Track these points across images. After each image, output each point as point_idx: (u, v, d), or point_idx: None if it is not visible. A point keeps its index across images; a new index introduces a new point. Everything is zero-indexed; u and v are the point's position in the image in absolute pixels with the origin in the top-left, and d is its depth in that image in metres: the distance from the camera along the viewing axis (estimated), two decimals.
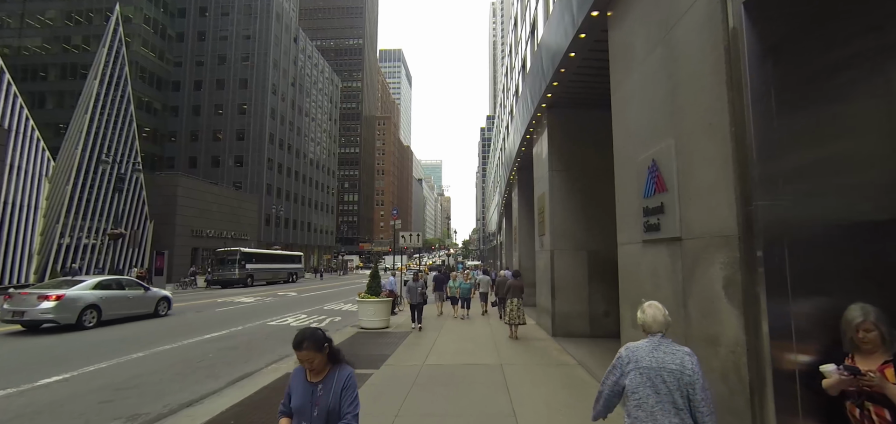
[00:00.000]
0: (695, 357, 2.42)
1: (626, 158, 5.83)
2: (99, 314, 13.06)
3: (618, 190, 6.20)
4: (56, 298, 12.03)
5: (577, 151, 12.03)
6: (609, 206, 12.28)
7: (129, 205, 37.01)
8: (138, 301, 14.71)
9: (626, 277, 5.80)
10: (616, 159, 6.28)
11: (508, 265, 35.61)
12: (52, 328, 12.25)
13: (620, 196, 6.09)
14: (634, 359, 2.44)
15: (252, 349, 10.14)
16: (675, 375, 2.33)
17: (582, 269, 11.65)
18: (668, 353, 2.40)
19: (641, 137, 5.35)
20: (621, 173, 6.06)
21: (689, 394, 2.30)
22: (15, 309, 11.81)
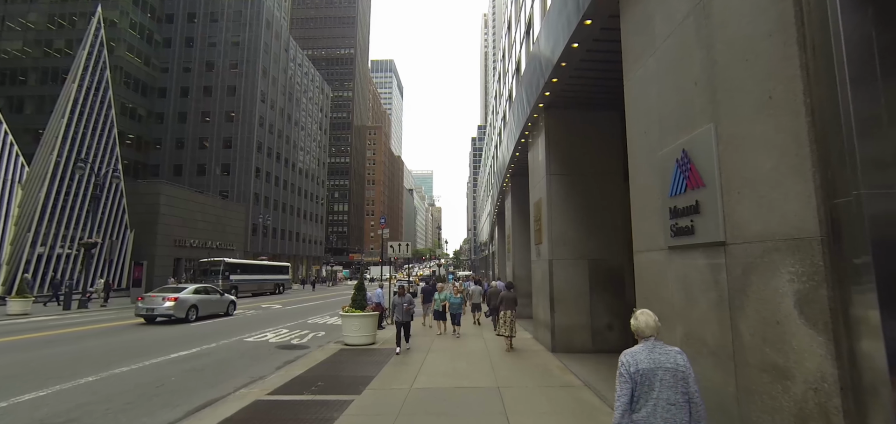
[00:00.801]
0: (684, 355, 2.73)
1: (645, 152, 5.04)
2: (197, 312, 17.36)
3: (634, 190, 5.40)
4: (174, 299, 16.50)
5: (576, 153, 11.29)
6: (612, 211, 11.54)
7: (108, 213, 35.57)
8: (218, 303, 19.24)
9: (647, 290, 4.98)
10: (631, 155, 5.49)
11: (500, 276, 34.77)
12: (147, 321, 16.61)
13: (637, 197, 5.29)
14: (635, 363, 2.71)
15: (221, 371, 9.13)
16: (670, 372, 2.64)
17: (583, 279, 10.86)
18: (662, 353, 2.71)
19: (666, 127, 4.57)
20: (638, 169, 5.27)
21: (683, 387, 2.62)
22: (147, 306, 16.50)
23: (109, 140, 35.24)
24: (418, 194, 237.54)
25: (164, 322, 16.46)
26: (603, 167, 11.22)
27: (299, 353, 11.38)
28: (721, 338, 3.61)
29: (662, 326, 3.81)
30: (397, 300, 11.01)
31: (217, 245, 46.95)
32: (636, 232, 5.32)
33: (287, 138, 66.73)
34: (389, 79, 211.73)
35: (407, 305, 10.95)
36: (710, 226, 3.73)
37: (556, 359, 9.92)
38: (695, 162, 3.96)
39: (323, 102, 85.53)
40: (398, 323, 10.88)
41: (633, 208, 5.41)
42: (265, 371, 9.14)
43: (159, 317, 16.40)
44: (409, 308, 10.97)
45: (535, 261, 13.05)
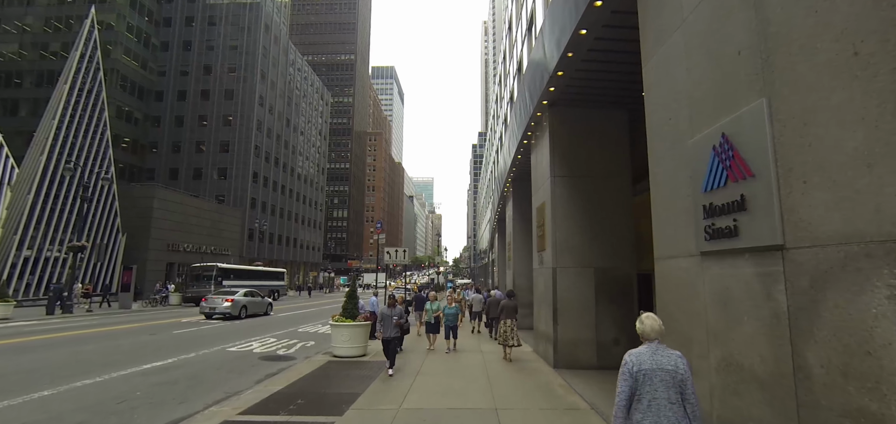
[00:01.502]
0: (685, 359, 2.90)
1: (670, 142, 4.32)
2: (246, 311, 21.34)
3: (655, 188, 4.67)
4: (231, 301, 20.45)
5: (582, 153, 10.57)
6: (620, 216, 10.75)
7: (100, 217, 34.87)
8: (260, 304, 23.31)
9: (671, 303, 4.23)
10: (651, 149, 4.77)
11: (497, 285, 33.92)
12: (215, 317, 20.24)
13: (659, 195, 4.56)
14: (638, 363, 2.91)
15: (195, 385, 8.35)
16: (670, 374, 2.82)
17: (588, 289, 10.09)
18: (664, 356, 2.90)
19: (698, 110, 3.85)
20: (661, 163, 4.54)
21: (682, 389, 2.80)
22: (210, 306, 20.43)
23: (102, 143, 34.60)
24: (418, 201, 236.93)
25: (143, 333, 15.70)
26: (610, 169, 10.51)
27: (283, 365, 10.60)
28: (776, 368, 2.87)
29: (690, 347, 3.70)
30: (385, 312, 9.24)
31: (212, 250, 46.18)
32: (658, 236, 4.58)
33: (285, 143, 66.12)
34: (390, 85, 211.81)
35: (397, 318, 9.25)
36: (762, 226, 3.00)
37: (559, 376, 9.14)
38: (739, 148, 3.24)
39: (322, 107, 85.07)
40: (385, 341, 9.02)
41: (655, 208, 4.67)
42: (243, 386, 8.37)
43: (217, 314, 20.31)
44: (400, 322, 9.36)
45: (537, 269, 12.29)
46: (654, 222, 4.69)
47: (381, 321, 9.22)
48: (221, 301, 20.37)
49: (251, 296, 22.52)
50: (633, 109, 10.70)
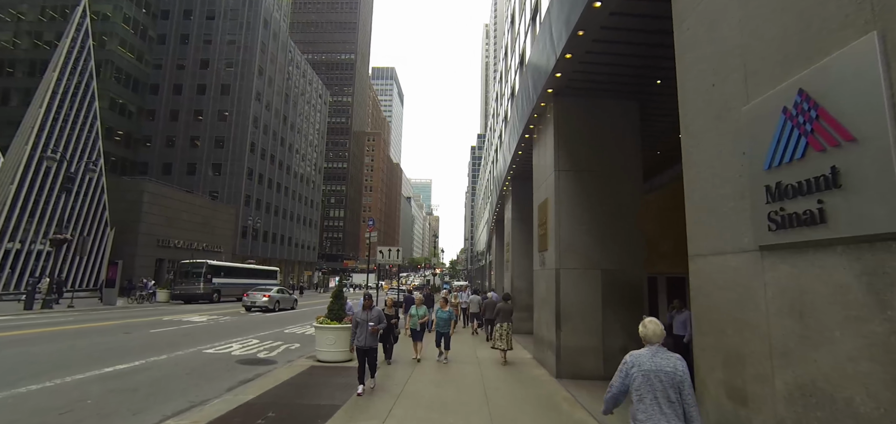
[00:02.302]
0: (684, 362, 3.03)
1: (714, 111, 3.49)
2: (279, 305, 25.41)
3: (691, 170, 3.85)
4: (267, 296, 24.77)
5: (589, 147, 9.77)
6: (630, 215, 9.82)
7: (88, 210, 33.88)
8: (288, 300, 27.13)
9: (714, 311, 3.40)
10: (687, 123, 3.95)
11: (493, 287, 33.03)
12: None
13: (697, 178, 3.74)
14: (638, 363, 3.07)
15: (157, 391, 7.48)
16: (669, 375, 2.96)
17: (595, 293, 9.27)
18: (663, 358, 3.03)
19: (759, 66, 3.03)
20: (699, 140, 3.72)
21: (680, 390, 2.95)
22: (251, 300, 24.57)
23: (92, 134, 33.64)
24: (416, 202, 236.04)
25: (117, 331, 14.80)
26: (619, 164, 9.71)
27: (262, 370, 9.74)
28: (894, 400, 2.03)
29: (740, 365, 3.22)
30: (360, 315, 7.65)
31: (204, 247, 45.20)
32: (694, 230, 3.75)
33: (282, 141, 65.18)
34: (390, 86, 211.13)
35: (374, 324, 7.55)
36: (871, 208, 2.18)
37: (562, 388, 8.31)
38: (827, 105, 2.42)
39: (321, 105, 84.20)
40: (360, 350, 7.52)
41: (690, 196, 3.84)
42: (211, 394, 7.51)
43: (256, 308, 24.32)
44: (377, 329, 7.60)
45: (538, 271, 11.46)
46: (688, 214, 3.86)
47: (355, 326, 7.67)
48: (260, 296, 25.00)
49: (281, 293, 27.02)
50: (644, 101, 9.92)
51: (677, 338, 8.28)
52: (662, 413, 2.89)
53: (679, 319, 8.29)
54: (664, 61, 8.37)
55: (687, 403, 2.91)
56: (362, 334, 7.57)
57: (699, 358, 3.57)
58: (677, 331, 8.30)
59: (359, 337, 7.59)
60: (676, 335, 8.30)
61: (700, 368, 3.54)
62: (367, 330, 7.54)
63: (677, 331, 8.30)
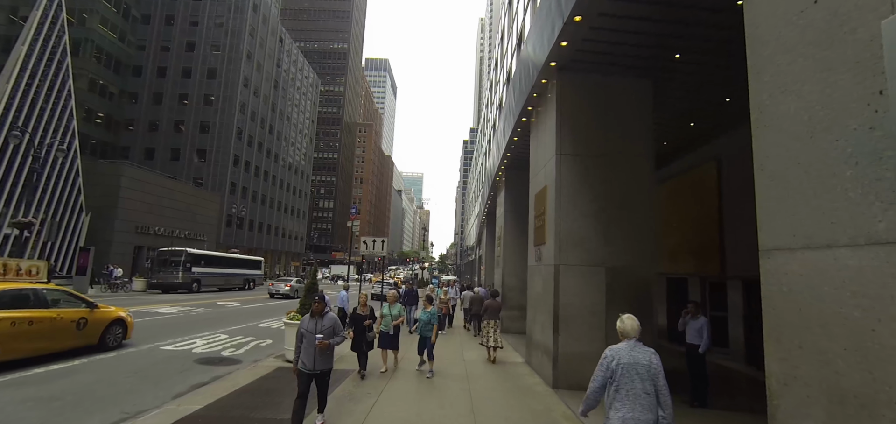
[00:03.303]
0: (657, 355, 3.34)
1: (822, 27, 2.42)
2: (297, 293, 27.36)
3: (768, 131, 2.80)
4: (289, 285, 29.69)
5: (595, 129, 8.72)
6: (639, 206, 8.51)
7: (61, 193, 32.25)
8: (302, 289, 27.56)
9: (817, 324, 2.35)
10: (760, 46, 2.89)
11: (481, 282, 32.00)
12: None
13: (779, 141, 2.68)
14: (617, 357, 3.31)
15: (82, 400, 6.33)
16: (645, 368, 3.24)
17: (598, 292, 8.25)
18: (640, 353, 3.31)
19: None
20: (787, 84, 2.65)
21: (655, 382, 3.22)
22: (274, 289, 29.88)
23: (65, 113, 31.94)
24: (407, 195, 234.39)
25: None
26: (629, 149, 8.68)
27: (221, 371, 8.62)
28: None
29: (869, 405, 2.87)
30: (306, 325, 5.26)
31: (186, 235, 43.64)
32: (769, 216, 2.71)
33: (270, 128, 63.47)
34: (383, 78, 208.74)
35: (324, 337, 5.12)
36: None
37: (561, 402, 7.29)
38: None
39: (312, 92, 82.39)
40: (303, 376, 5.15)
41: (764, 167, 2.79)
42: (151, 402, 6.38)
43: (279, 295, 28.89)
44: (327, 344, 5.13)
45: (533, 266, 10.43)
46: (761, 191, 2.81)
47: (300, 340, 5.24)
48: (283, 285, 29.68)
49: (300, 283, 30.50)
50: (659, 79, 8.89)
51: (691, 347, 7.28)
52: (639, 402, 3.16)
53: (694, 326, 7.29)
54: (686, 30, 7.33)
55: (661, 392, 3.19)
56: (308, 352, 5.12)
57: (780, 394, 2.53)
58: (691, 339, 7.30)
59: (304, 358, 5.13)
60: (690, 345, 7.30)
61: (779, 409, 2.49)
62: (314, 347, 5.10)
63: (691, 339, 7.30)
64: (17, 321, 7.67)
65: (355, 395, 7.13)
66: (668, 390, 3.25)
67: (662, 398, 3.20)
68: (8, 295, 7.74)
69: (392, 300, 8.97)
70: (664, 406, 3.20)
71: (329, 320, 5.35)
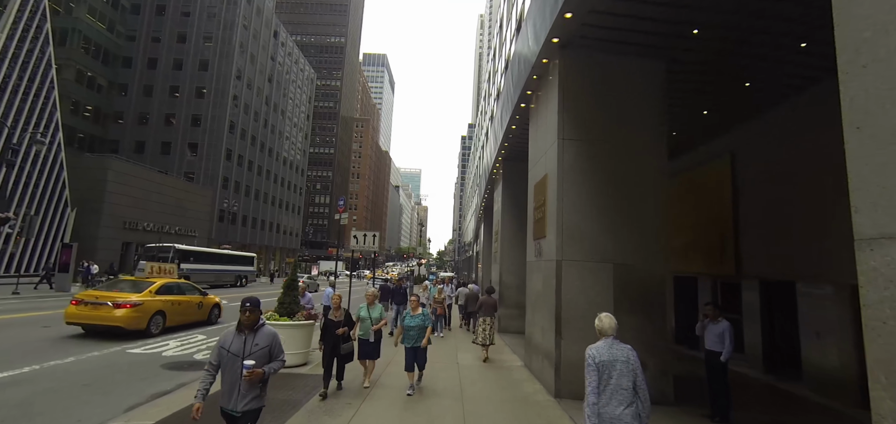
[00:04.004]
0: (635, 351, 3.54)
1: None
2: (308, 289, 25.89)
3: (862, 77, 1.97)
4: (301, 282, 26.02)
5: (601, 113, 7.91)
6: (649, 198, 7.19)
7: (44, 187, 31.29)
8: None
9: None
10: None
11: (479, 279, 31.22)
12: None
13: (885, 93, 1.85)
14: (598, 355, 3.48)
15: (19, 417, 5.49)
16: (624, 363, 3.43)
17: (605, 292, 7.46)
18: (618, 349, 3.49)
19: None
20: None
21: (633, 376, 3.41)
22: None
23: (48, 103, 30.92)
24: (405, 191, 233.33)
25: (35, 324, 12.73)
26: (639, 137, 7.88)
27: (189, 377, 7.80)
28: None
29: None
30: (230, 346, 3.50)
31: (177, 231, 42.72)
32: (872, 192, 1.90)
33: (265, 122, 62.39)
34: (381, 73, 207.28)
35: (251, 368, 3.35)
36: None
37: (566, 415, 6.50)
38: None
39: (307, 86, 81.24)
40: (227, 418, 3.51)
41: (856, 129, 1.98)
42: (96, 417, 5.56)
43: None
44: (256, 375, 3.38)
45: (532, 262, 9.63)
46: (856, 162, 2.01)
47: (215, 368, 3.54)
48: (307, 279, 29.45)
49: (311, 279, 30.51)
50: (673, 60, 8.07)
51: (711, 355, 6.48)
52: (617, 396, 3.37)
53: (714, 330, 6.49)
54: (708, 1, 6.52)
55: (639, 386, 3.40)
56: (229, 383, 3.45)
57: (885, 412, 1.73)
58: (711, 346, 6.50)
59: (223, 392, 3.47)
60: (711, 351, 6.50)
61: None
62: (238, 378, 3.41)
63: (711, 346, 6.50)
64: (173, 302, 12.03)
65: (320, 419, 5.85)
66: (646, 383, 3.45)
67: (641, 391, 3.39)
68: (167, 286, 11.83)
69: (371, 300, 7.45)
70: (642, 399, 3.39)
71: (265, 336, 3.59)
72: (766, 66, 8.32)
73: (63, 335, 10.80)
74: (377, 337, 7.34)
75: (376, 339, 7.33)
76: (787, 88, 9.08)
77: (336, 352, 6.74)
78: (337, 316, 6.91)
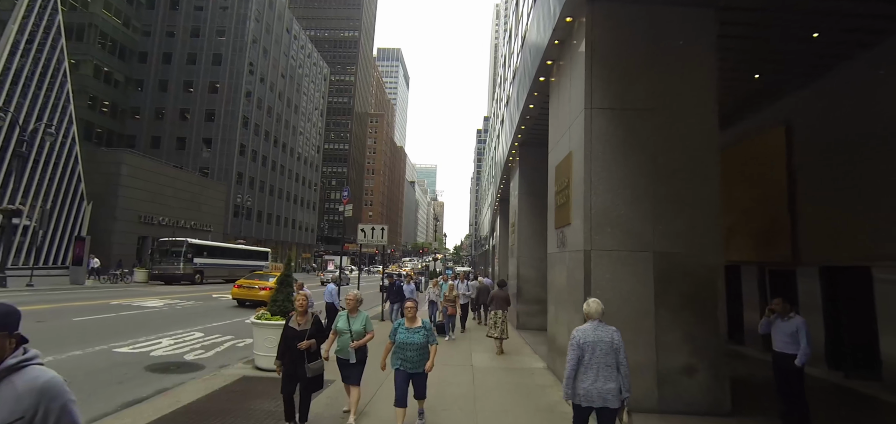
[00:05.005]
0: (619, 333, 3.81)
1: None
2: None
3: None
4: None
5: (638, 75, 6.77)
6: (702, 173, 5.80)
7: (60, 181, 31.33)
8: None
9: None
10: None
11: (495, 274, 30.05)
12: None
13: None
14: (584, 337, 3.75)
15: None
16: (608, 344, 3.70)
17: (644, 286, 6.35)
18: (603, 331, 3.76)
19: None
20: None
21: (616, 356, 3.70)
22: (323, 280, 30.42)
23: (62, 96, 30.85)
24: (421, 187, 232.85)
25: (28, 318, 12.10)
26: (685, 102, 6.71)
27: (172, 381, 7.01)
28: None
29: None
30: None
31: (192, 225, 42.66)
32: None
33: (278, 117, 62.15)
34: (396, 68, 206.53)
35: None
36: None
37: None
38: None
39: (321, 82, 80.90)
40: None
41: None
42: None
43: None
44: None
45: (554, 254, 8.55)
46: None
47: None
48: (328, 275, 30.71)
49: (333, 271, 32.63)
50: (726, 8, 6.86)
51: (782, 357, 5.33)
52: (601, 373, 3.64)
53: (784, 329, 5.33)
54: None
55: (621, 364, 3.68)
56: None
57: None
58: (781, 347, 5.34)
59: None
60: (780, 354, 5.35)
61: None
62: None
63: (781, 347, 5.34)
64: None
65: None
66: (628, 363, 3.72)
67: (622, 369, 3.68)
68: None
69: (352, 307, 5.27)
70: (624, 377, 3.66)
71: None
72: (831, 21, 7.07)
73: (55, 328, 10.16)
74: (361, 356, 5.18)
75: (360, 359, 5.17)
76: (856, 45, 7.79)
77: (298, 376, 4.80)
78: (301, 323, 4.96)
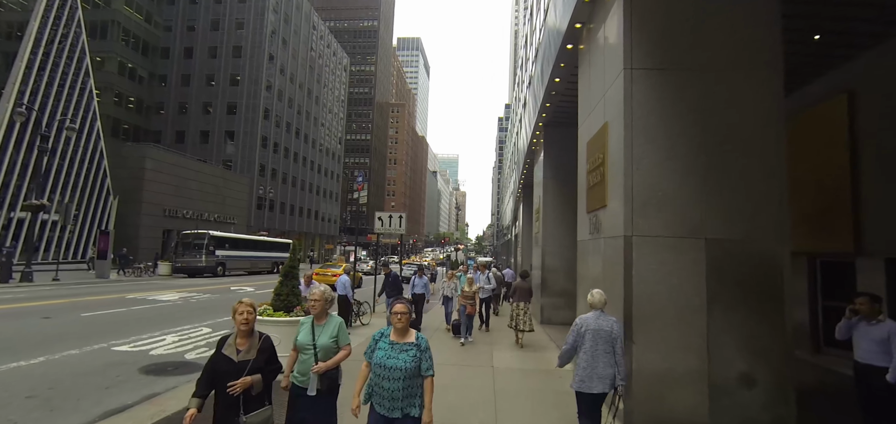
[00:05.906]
0: (619, 323, 4.13)
1: None
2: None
3: None
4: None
5: (689, 29, 5.70)
6: (763, 146, 4.14)
7: (86, 176, 31.83)
8: None
9: None
10: None
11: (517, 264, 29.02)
12: None
13: None
14: (585, 324, 4.06)
15: None
16: (607, 333, 3.98)
17: (694, 277, 5.33)
18: (604, 321, 4.04)
19: None
20: None
21: (613, 345, 3.97)
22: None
23: (85, 92, 31.21)
24: (443, 177, 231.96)
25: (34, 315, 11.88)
26: (740, 60, 5.61)
27: (164, 385, 6.43)
28: None
29: None
30: None
31: (216, 218, 43.11)
32: None
33: (299, 108, 62.21)
34: (416, 57, 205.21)
35: None
36: None
37: None
38: None
39: (341, 72, 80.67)
40: None
41: None
42: None
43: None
44: None
45: (585, 241, 7.58)
46: None
47: None
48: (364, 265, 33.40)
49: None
50: None
51: (868, 370, 4.24)
52: (600, 359, 3.93)
53: (870, 335, 4.23)
54: None
55: (618, 353, 3.94)
56: None
57: None
58: (866, 357, 4.22)
59: None
60: (865, 365, 4.27)
61: None
62: None
63: (866, 357, 4.22)
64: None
65: None
66: (624, 351, 4.11)
67: (618, 357, 3.95)
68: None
69: (318, 310, 3.62)
70: (619, 364, 3.94)
71: None
72: None
73: (59, 324, 9.83)
74: (328, 385, 3.43)
75: (327, 389, 3.42)
76: None
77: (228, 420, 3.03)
78: (241, 350, 3.20)
